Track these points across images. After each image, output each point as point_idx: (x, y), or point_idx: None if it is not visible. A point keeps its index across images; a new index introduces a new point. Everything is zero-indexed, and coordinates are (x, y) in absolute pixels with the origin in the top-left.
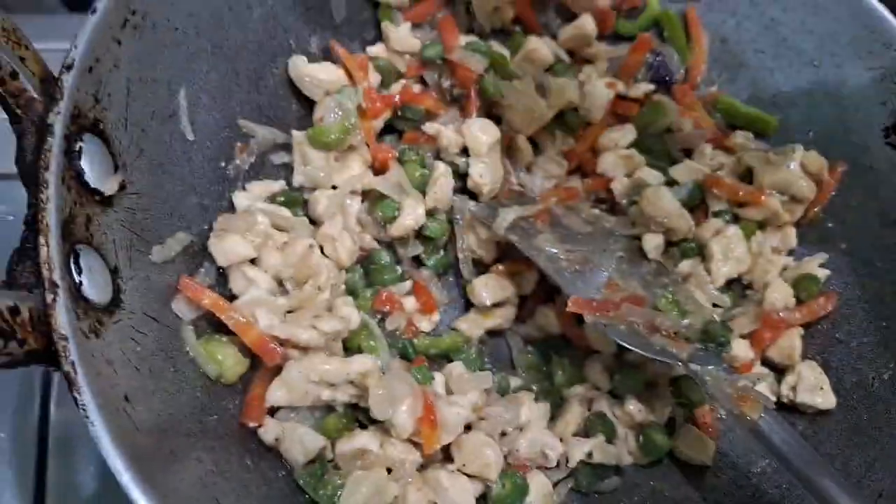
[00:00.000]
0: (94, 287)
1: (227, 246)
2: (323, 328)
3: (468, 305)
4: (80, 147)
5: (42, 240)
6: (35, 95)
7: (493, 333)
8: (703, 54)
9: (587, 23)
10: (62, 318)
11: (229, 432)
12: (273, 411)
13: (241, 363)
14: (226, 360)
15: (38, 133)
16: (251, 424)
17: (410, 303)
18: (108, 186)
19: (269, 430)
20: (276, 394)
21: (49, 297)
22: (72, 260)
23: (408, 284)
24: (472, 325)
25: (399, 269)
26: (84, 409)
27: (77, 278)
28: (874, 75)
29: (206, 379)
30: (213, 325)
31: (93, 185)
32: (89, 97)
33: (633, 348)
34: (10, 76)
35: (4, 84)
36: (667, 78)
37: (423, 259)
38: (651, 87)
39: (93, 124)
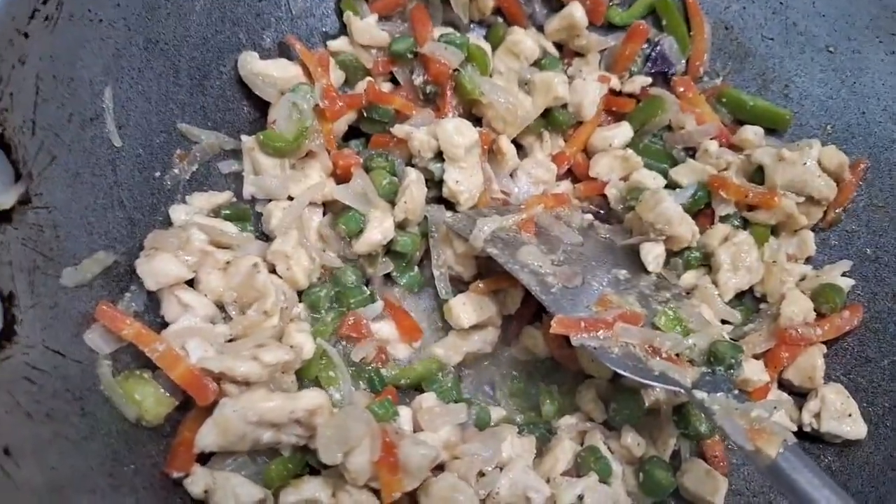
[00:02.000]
0: None
1: (157, 266)
2: (265, 359)
3: (448, 328)
4: None
5: None
6: None
7: (474, 359)
8: (704, 43)
9: (576, 12)
10: None
11: (148, 485)
12: (206, 458)
13: (164, 403)
14: (145, 400)
15: None
16: (175, 475)
17: (385, 328)
18: (5, 199)
19: (197, 481)
20: (208, 438)
21: None
22: None
23: (378, 307)
24: (450, 351)
25: (367, 289)
26: None
27: None
28: None
29: (123, 422)
30: (138, 360)
31: None
32: None
33: (627, 374)
34: None
35: None
36: (666, 70)
37: (394, 277)
38: (648, 80)
39: None
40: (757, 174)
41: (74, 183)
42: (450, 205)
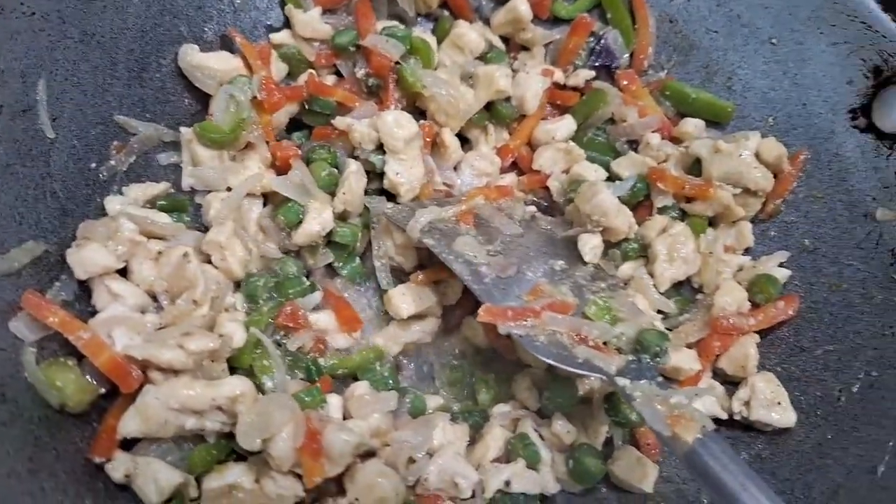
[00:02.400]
0: None
1: (86, 256)
2: (190, 347)
3: (389, 318)
4: None
5: None
6: None
7: (414, 348)
8: (649, 36)
9: (521, 5)
10: None
11: (70, 470)
12: (132, 445)
13: (86, 390)
14: (67, 387)
15: None
16: (98, 460)
17: (324, 318)
18: None
19: (118, 466)
20: (130, 424)
21: None
22: None
23: (317, 297)
24: (390, 340)
25: (308, 280)
26: None
27: None
28: (838, 51)
29: (47, 409)
30: (65, 349)
31: None
32: None
33: (551, 362)
34: None
35: None
36: (610, 63)
37: (336, 268)
38: (591, 73)
39: None
40: (695, 166)
41: (4, 174)
42: (391, 196)
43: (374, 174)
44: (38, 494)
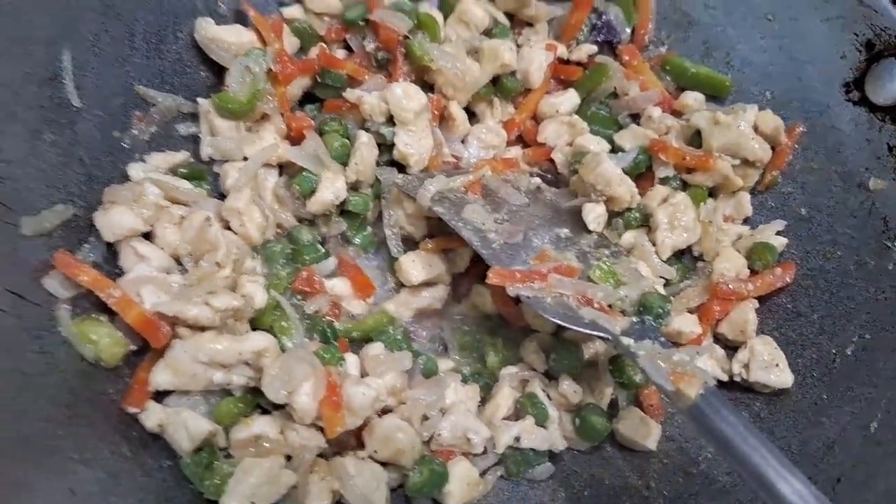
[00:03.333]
0: None
1: (114, 219)
2: (215, 304)
3: (400, 286)
4: None
5: None
6: None
7: (425, 314)
8: (649, 12)
9: None
10: None
11: (104, 418)
12: (161, 398)
13: (119, 343)
14: (101, 341)
15: None
16: (131, 410)
17: (339, 285)
18: None
19: (151, 416)
20: (161, 376)
21: None
22: None
23: (331, 264)
24: (401, 307)
25: (322, 248)
26: None
27: None
28: (832, 26)
29: (82, 362)
30: (96, 306)
31: None
32: None
33: (558, 321)
34: None
35: None
36: (612, 39)
37: (349, 237)
38: (594, 49)
39: None
40: (695, 138)
41: (33, 139)
42: (402, 167)
43: (385, 146)
44: (76, 438)
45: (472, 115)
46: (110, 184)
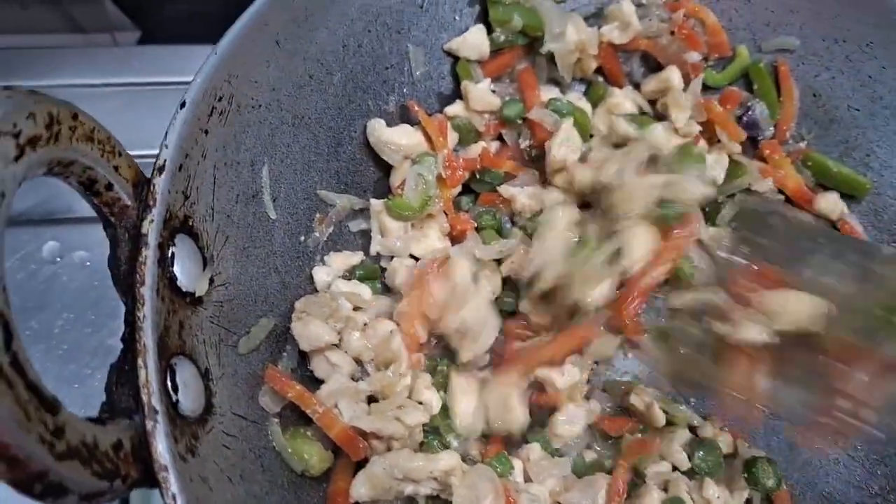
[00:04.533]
0: (189, 399)
1: (312, 332)
2: (407, 421)
3: None
4: (172, 252)
5: (140, 361)
6: (128, 203)
7: None
8: (793, 109)
9: (674, 76)
10: (161, 447)
11: None
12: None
13: (327, 459)
14: (311, 458)
15: (133, 241)
16: None
17: None
18: (200, 286)
19: None
20: (361, 489)
21: (149, 425)
22: (168, 377)
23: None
24: None
25: None
26: None
27: (174, 397)
28: None
29: (291, 473)
30: (294, 414)
31: (185, 290)
32: (179, 195)
33: None
34: (105, 188)
35: (101, 196)
36: (756, 136)
37: None
38: (737, 148)
39: (182, 223)
40: None
41: (242, 257)
42: None
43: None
44: None
45: None
46: (299, 288)
